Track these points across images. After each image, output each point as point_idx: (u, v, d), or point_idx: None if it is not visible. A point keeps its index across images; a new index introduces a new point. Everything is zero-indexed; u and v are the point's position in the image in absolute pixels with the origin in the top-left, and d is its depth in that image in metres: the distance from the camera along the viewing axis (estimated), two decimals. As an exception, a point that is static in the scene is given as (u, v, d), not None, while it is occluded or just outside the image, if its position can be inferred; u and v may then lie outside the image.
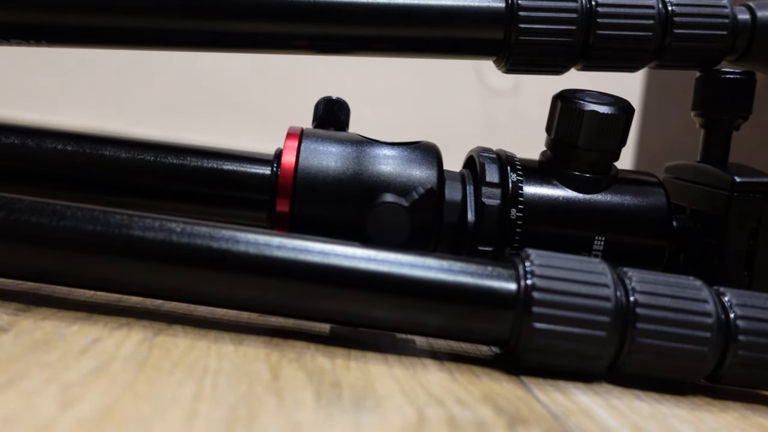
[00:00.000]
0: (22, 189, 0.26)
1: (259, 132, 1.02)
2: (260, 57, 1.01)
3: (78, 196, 0.27)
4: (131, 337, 0.21)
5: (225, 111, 1.02)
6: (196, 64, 1.03)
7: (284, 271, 0.22)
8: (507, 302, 0.22)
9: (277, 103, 1.02)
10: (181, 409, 0.16)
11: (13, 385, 0.16)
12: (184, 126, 1.02)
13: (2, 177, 0.27)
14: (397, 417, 0.17)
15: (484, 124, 1.04)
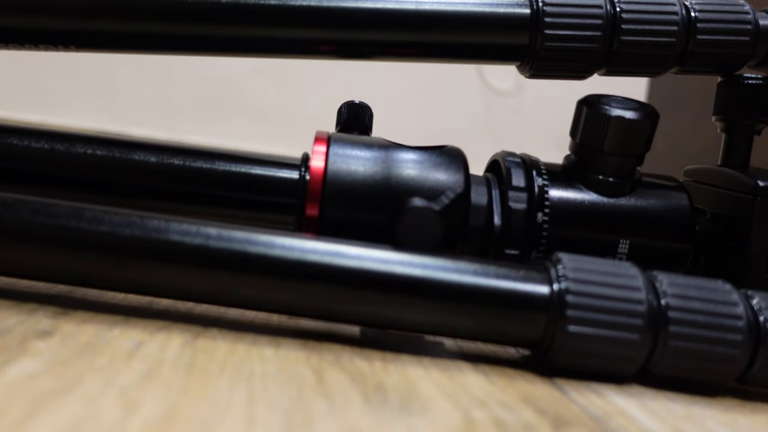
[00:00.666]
0: (54, 194, 0.27)
1: (261, 133, 1.02)
2: (262, 58, 1.01)
3: (108, 200, 0.27)
4: (173, 340, 0.21)
5: (227, 112, 1.02)
6: (197, 65, 1.03)
7: (321, 275, 0.23)
8: (540, 305, 0.23)
9: (280, 105, 1.02)
10: (238, 413, 0.16)
11: (73, 389, 0.16)
12: (185, 127, 1.02)
13: (35, 181, 0.27)
14: (445, 420, 0.17)
15: (486, 124, 1.04)
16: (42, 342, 0.19)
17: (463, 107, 1.04)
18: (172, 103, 1.03)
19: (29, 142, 0.28)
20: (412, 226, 0.25)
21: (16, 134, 0.28)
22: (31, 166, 0.27)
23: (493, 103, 1.04)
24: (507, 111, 1.04)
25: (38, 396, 0.15)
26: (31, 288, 0.25)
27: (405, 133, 1.26)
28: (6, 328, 0.20)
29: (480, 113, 1.04)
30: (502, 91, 1.04)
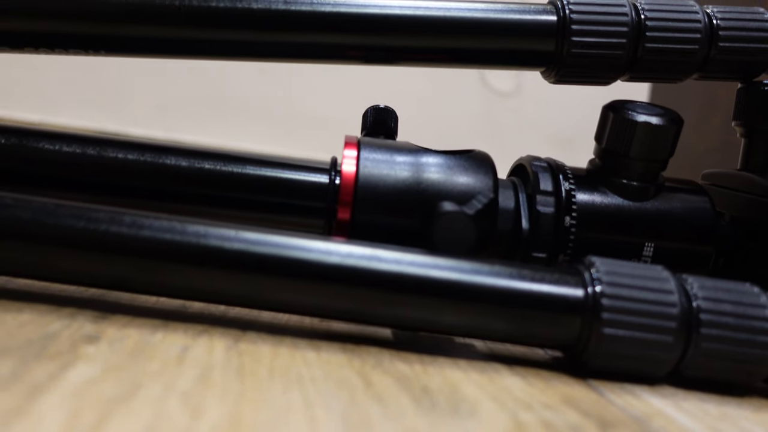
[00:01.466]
0: (87, 198, 0.27)
1: (261, 133, 1.02)
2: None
3: (140, 204, 0.27)
4: (216, 345, 0.21)
5: (227, 112, 1.02)
6: (196, 64, 1.03)
7: (360, 279, 0.23)
8: (576, 308, 0.23)
9: (280, 104, 1.02)
10: (299, 417, 0.16)
11: (136, 394, 0.16)
12: (184, 127, 1.02)
13: (67, 186, 0.27)
14: (496, 422, 0.18)
15: (487, 125, 1.05)
16: (92, 347, 0.19)
17: (464, 107, 1.05)
18: (171, 102, 1.03)
19: (60, 146, 0.28)
20: (447, 230, 0.25)
21: (48, 138, 0.28)
22: (64, 171, 0.27)
23: (493, 103, 1.05)
24: (507, 111, 1.05)
25: (104, 401, 0.15)
26: (64, 291, 0.25)
27: (405, 134, 1.25)
28: (53, 333, 0.20)
29: (480, 113, 1.05)
30: (502, 92, 1.04)
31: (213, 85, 1.03)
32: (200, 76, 1.01)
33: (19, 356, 0.18)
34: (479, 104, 1.04)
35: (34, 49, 0.28)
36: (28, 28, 0.28)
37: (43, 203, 0.23)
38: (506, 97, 1.05)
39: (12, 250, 0.23)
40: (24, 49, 0.28)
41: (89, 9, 0.27)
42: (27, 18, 0.28)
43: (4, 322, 0.21)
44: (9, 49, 0.28)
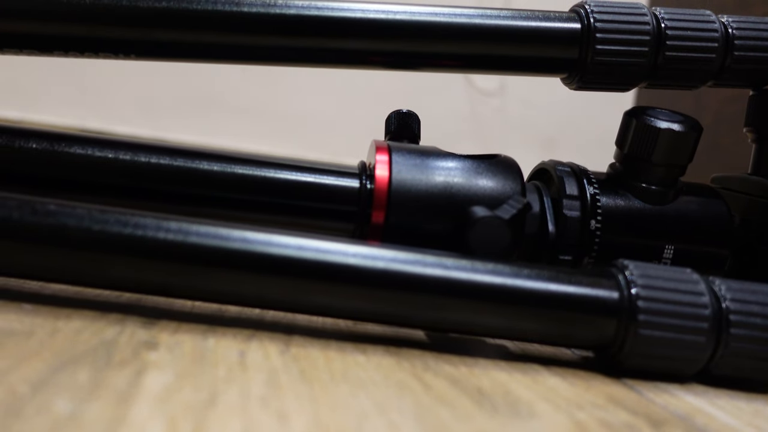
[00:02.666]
0: (121, 203, 0.27)
1: (247, 131, 1.02)
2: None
3: (174, 209, 0.27)
4: (268, 349, 0.22)
5: (213, 110, 1.01)
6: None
7: (405, 283, 0.23)
8: (612, 310, 0.24)
9: (266, 102, 1.02)
10: (378, 420, 0.17)
11: (217, 400, 0.16)
12: (170, 125, 1.01)
13: (101, 191, 0.27)
14: (557, 422, 0.19)
15: (471, 124, 1.06)
16: (153, 353, 0.20)
17: (448, 106, 1.05)
18: (156, 100, 1.02)
19: (92, 150, 0.28)
20: (483, 235, 0.26)
21: (78, 142, 0.28)
22: (96, 175, 0.27)
23: (477, 102, 1.06)
24: (491, 111, 1.06)
25: (191, 408, 0.16)
26: (99, 296, 0.25)
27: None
28: (110, 339, 0.20)
29: (465, 113, 1.06)
30: (487, 91, 1.05)
31: (198, 83, 1.02)
32: (185, 73, 1.00)
33: (90, 364, 0.18)
34: (464, 103, 1.05)
35: (63, 53, 0.28)
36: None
37: (89, 209, 0.23)
38: (490, 96, 1.06)
39: (59, 258, 0.23)
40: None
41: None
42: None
43: (59, 329, 0.21)
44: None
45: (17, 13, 0.28)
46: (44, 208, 0.23)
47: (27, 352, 0.18)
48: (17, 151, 0.27)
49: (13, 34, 0.28)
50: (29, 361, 0.17)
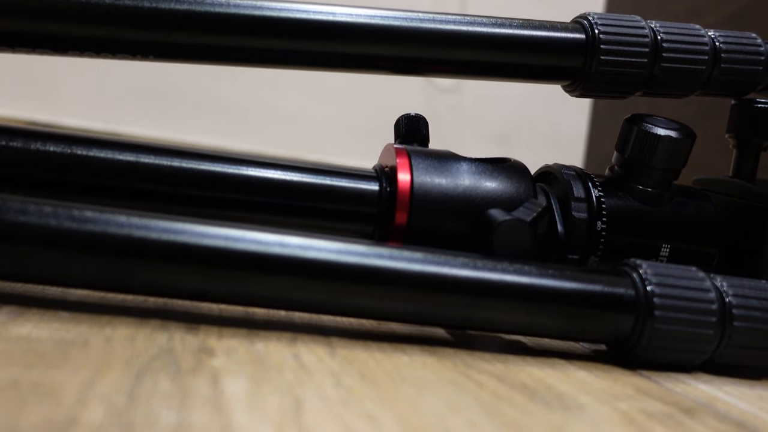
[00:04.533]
0: (142, 206, 0.27)
1: (202, 126, 1.00)
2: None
3: (198, 212, 0.27)
4: (317, 352, 0.22)
5: (166, 102, 0.99)
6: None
7: (440, 285, 0.24)
8: (629, 306, 0.26)
9: (222, 97, 1.00)
10: (456, 418, 0.18)
11: (303, 404, 0.17)
12: (123, 118, 0.98)
13: (125, 194, 0.27)
14: (605, 414, 0.20)
15: (428, 120, 1.08)
16: (215, 359, 0.20)
17: (405, 103, 1.06)
18: (109, 92, 0.99)
19: (114, 154, 0.27)
20: (507, 237, 0.27)
21: (101, 145, 0.27)
22: (119, 179, 0.27)
23: (434, 99, 1.08)
24: (447, 107, 1.08)
25: (285, 414, 0.16)
26: (124, 302, 0.25)
27: (349, 127, 1.27)
28: (165, 347, 0.20)
29: (421, 109, 1.07)
30: (444, 88, 1.07)
31: (152, 74, 0.99)
32: (137, 64, 0.97)
33: (164, 372, 0.18)
34: (421, 99, 1.07)
35: (79, 53, 0.28)
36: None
37: (128, 216, 0.23)
38: (447, 93, 1.08)
39: (99, 264, 0.22)
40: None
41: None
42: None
43: (111, 337, 0.20)
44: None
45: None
46: (82, 215, 0.22)
47: (97, 362, 0.18)
48: (35, 153, 0.26)
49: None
50: (106, 371, 0.18)
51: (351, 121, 1.06)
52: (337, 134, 1.05)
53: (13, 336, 0.19)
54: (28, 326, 0.20)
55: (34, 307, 0.23)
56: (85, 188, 0.27)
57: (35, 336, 0.20)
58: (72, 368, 0.17)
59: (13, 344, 0.19)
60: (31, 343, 0.19)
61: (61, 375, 0.17)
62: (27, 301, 0.23)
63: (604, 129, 0.82)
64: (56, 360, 0.18)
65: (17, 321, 0.21)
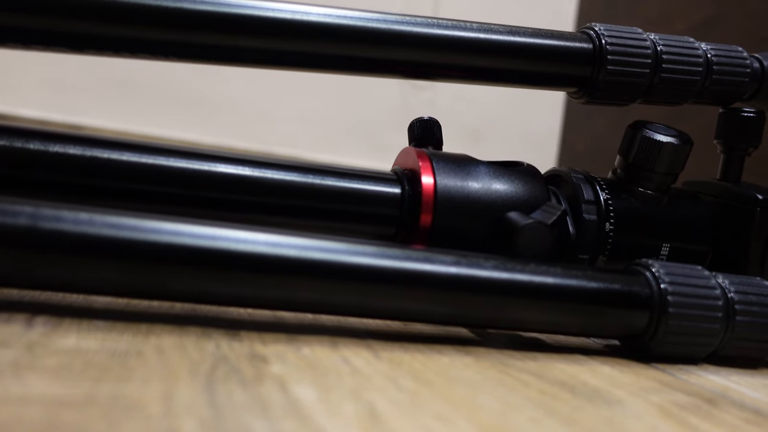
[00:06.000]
0: (168, 210, 0.27)
1: (165, 117, 0.98)
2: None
3: (225, 216, 0.28)
4: (361, 354, 0.23)
5: (130, 94, 0.97)
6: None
7: (472, 286, 0.26)
8: (645, 304, 0.27)
9: (190, 88, 0.99)
10: (519, 417, 0.19)
11: (377, 409, 0.18)
12: (83, 109, 0.96)
13: (143, 196, 0.27)
14: (642, 407, 0.21)
15: (403, 117, 1.08)
16: (272, 366, 0.20)
17: (381, 99, 1.08)
18: (68, 81, 0.96)
19: (138, 157, 0.27)
20: (530, 239, 0.28)
21: (130, 149, 0.27)
22: (141, 182, 0.27)
23: (409, 95, 1.09)
24: (422, 103, 1.09)
25: (367, 419, 0.17)
26: (151, 309, 0.25)
27: (325, 123, 1.27)
28: (218, 355, 0.21)
29: (397, 105, 1.08)
30: (418, 85, 1.08)
31: (114, 64, 0.97)
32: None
33: (231, 380, 0.18)
34: (395, 95, 1.08)
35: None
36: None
37: (160, 222, 0.23)
38: (421, 89, 1.09)
39: (135, 272, 0.22)
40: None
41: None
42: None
43: (161, 347, 0.20)
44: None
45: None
46: (119, 222, 0.22)
47: (161, 373, 0.18)
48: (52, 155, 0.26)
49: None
50: (175, 381, 0.18)
51: (325, 116, 1.06)
52: (311, 129, 1.05)
53: (63, 348, 0.19)
54: (71, 337, 0.20)
55: (65, 317, 0.22)
56: (119, 192, 0.27)
57: (85, 348, 0.19)
58: (141, 380, 0.17)
59: (68, 357, 0.18)
60: (86, 355, 0.19)
61: (134, 388, 0.17)
62: (53, 310, 0.23)
63: (577, 127, 0.85)
64: (121, 372, 0.18)
65: (58, 332, 0.21)
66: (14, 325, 0.21)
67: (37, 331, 0.20)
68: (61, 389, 0.16)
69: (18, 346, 0.19)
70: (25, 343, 0.19)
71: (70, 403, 0.15)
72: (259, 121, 1.02)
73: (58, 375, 0.17)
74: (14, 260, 0.21)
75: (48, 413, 0.15)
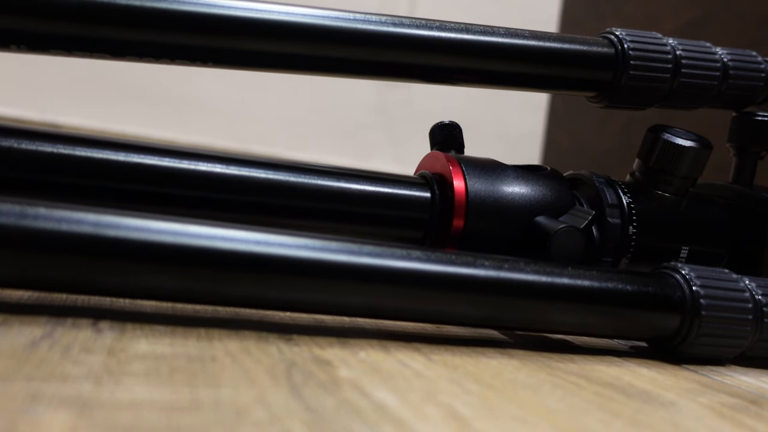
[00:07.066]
0: (194, 213, 0.26)
1: (145, 117, 0.96)
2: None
3: (252, 220, 0.27)
4: (414, 358, 0.23)
5: (108, 92, 0.95)
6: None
7: (510, 289, 0.26)
8: (677, 307, 0.28)
9: (168, 86, 0.97)
10: (590, 419, 0.19)
11: (457, 413, 0.18)
12: (61, 108, 0.93)
13: (165, 199, 0.27)
14: (694, 408, 0.22)
15: (380, 115, 1.08)
16: (340, 370, 0.20)
17: (357, 98, 1.07)
18: (45, 80, 0.93)
19: (165, 161, 0.27)
20: (563, 243, 0.28)
21: (157, 152, 0.27)
22: (164, 186, 0.27)
23: (385, 93, 1.09)
24: (398, 102, 1.09)
25: (456, 424, 0.17)
26: (198, 313, 0.25)
27: (302, 121, 1.26)
28: (286, 360, 0.20)
29: (372, 103, 1.08)
30: (394, 83, 1.08)
31: (92, 62, 0.94)
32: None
33: (312, 385, 0.18)
34: (372, 93, 1.07)
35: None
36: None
37: (219, 229, 0.22)
38: (398, 87, 1.09)
39: (198, 278, 0.22)
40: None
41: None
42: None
43: (230, 352, 0.20)
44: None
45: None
46: (184, 229, 0.22)
47: (243, 378, 0.18)
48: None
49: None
50: (260, 386, 0.17)
51: (302, 115, 1.06)
52: (289, 128, 1.04)
53: (141, 354, 0.19)
54: (142, 343, 0.20)
55: (125, 322, 0.22)
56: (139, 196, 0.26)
57: (160, 353, 0.19)
58: (230, 386, 0.17)
59: (152, 363, 0.18)
60: (167, 360, 0.19)
61: (229, 393, 0.17)
62: (110, 314, 0.23)
63: (561, 127, 0.86)
64: (207, 378, 0.18)
65: (127, 337, 0.20)
66: (84, 330, 0.20)
67: (108, 336, 0.20)
68: (163, 394, 0.16)
69: (100, 351, 0.18)
70: (105, 349, 0.19)
71: (180, 408, 0.15)
72: (236, 120, 1.01)
73: (151, 380, 0.17)
74: (78, 267, 0.20)
75: (167, 418, 0.14)
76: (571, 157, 0.81)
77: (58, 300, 0.24)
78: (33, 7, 0.26)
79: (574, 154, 0.81)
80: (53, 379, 0.15)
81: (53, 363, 0.17)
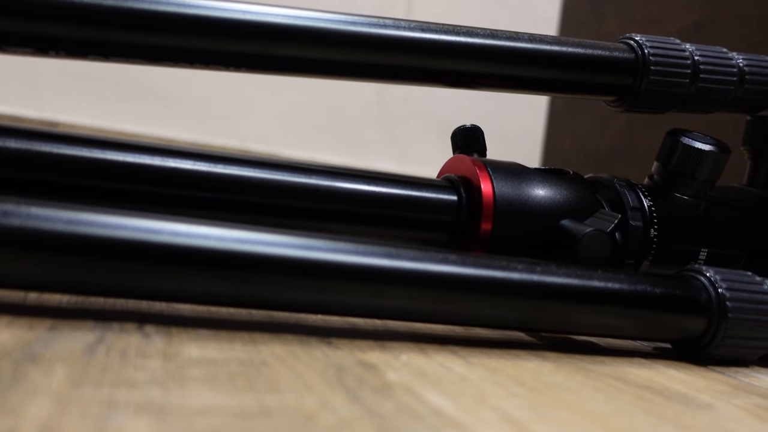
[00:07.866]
0: (215, 215, 0.26)
1: (143, 115, 0.96)
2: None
3: (279, 223, 0.28)
4: (453, 361, 0.23)
5: (106, 91, 0.94)
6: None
7: (541, 293, 0.26)
8: (704, 309, 0.28)
9: (165, 85, 0.96)
10: (639, 422, 0.19)
11: (513, 417, 0.18)
12: (57, 106, 0.93)
13: (183, 201, 0.27)
14: (730, 410, 0.22)
15: (377, 112, 1.09)
16: (387, 374, 0.20)
17: (355, 95, 1.07)
18: (43, 78, 0.93)
19: (184, 163, 0.27)
20: (591, 247, 0.29)
21: (175, 155, 0.27)
22: (182, 188, 0.27)
23: (383, 91, 1.09)
24: (396, 99, 1.09)
25: (523, 426, 0.17)
26: (233, 316, 0.25)
27: (300, 120, 1.26)
28: (334, 364, 0.21)
29: (371, 101, 1.08)
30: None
31: (91, 62, 0.94)
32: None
33: (366, 390, 0.18)
34: (369, 90, 1.08)
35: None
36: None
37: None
38: (396, 85, 1.10)
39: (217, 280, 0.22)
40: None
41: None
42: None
43: (279, 356, 0.20)
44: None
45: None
46: (219, 234, 0.22)
47: (298, 383, 0.18)
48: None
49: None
50: (320, 390, 0.18)
51: (300, 113, 1.05)
52: (287, 126, 1.04)
53: (194, 359, 0.19)
54: (192, 347, 0.20)
55: (170, 326, 0.22)
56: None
57: (211, 357, 0.19)
58: (290, 390, 0.17)
59: (208, 368, 0.18)
60: (221, 365, 0.19)
61: (292, 398, 0.17)
62: (153, 318, 0.23)
63: (561, 127, 0.87)
64: (265, 383, 0.18)
65: (176, 342, 0.20)
66: (133, 335, 0.20)
67: (158, 341, 0.20)
68: (230, 400, 0.16)
69: (155, 356, 0.18)
70: (159, 354, 0.19)
71: (251, 414, 0.15)
72: (235, 118, 1.01)
73: (214, 385, 0.17)
74: (123, 271, 0.20)
75: (242, 424, 0.14)
76: (571, 156, 0.81)
77: (96, 304, 0.24)
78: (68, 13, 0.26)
79: (575, 153, 0.81)
80: (122, 385, 0.16)
81: (115, 368, 0.17)
